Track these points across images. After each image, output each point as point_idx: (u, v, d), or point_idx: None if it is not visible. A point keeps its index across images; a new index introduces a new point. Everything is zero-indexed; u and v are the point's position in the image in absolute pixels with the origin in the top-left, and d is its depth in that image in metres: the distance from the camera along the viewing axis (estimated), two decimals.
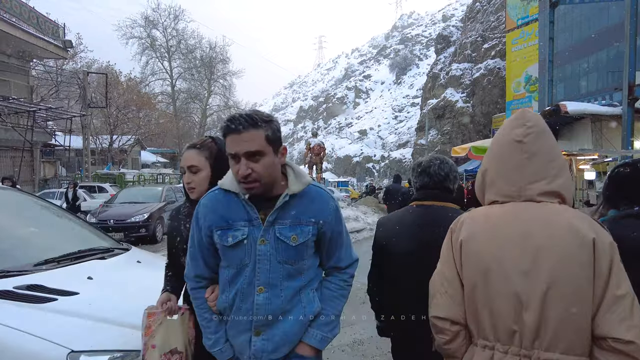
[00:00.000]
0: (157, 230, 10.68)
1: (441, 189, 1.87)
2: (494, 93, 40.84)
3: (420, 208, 1.87)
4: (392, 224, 1.93)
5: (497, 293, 1.19)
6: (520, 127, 1.27)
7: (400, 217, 1.92)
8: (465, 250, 1.25)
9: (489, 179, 1.32)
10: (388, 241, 1.89)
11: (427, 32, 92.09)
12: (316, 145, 19.14)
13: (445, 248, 1.35)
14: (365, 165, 64.05)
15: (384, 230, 1.94)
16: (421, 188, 1.90)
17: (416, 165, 1.96)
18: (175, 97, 44.12)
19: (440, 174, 1.86)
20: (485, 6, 47.64)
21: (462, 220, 1.33)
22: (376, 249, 2.00)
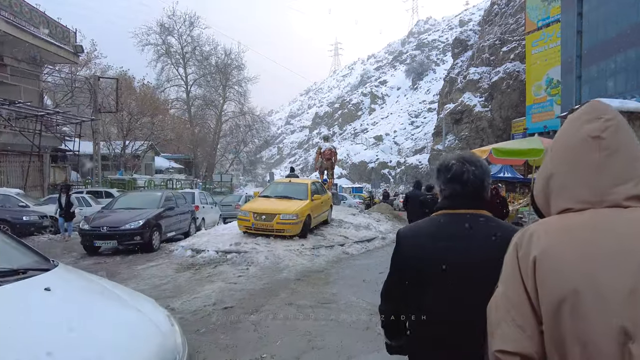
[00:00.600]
0: (154, 238, 10.04)
1: (475, 199, 1.61)
2: (513, 97, 39.54)
3: (451, 217, 1.61)
4: (420, 236, 1.64)
5: (591, 322, 0.97)
6: (595, 121, 1.10)
7: (429, 227, 1.64)
8: (541, 269, 1.04)
9: (557, 184, 1.13)
10: (416, 256, 1.60)
11: (444, 37, 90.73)
12: (327, 149, 18.36)
13: (508, 266, 1.13)
14: (381, 171, 62.95)
15: (411, 243, 1.65)
16: (450, 197, 1.63)
17: (444, 169, 1.64)
18: (190, 103, 44.08)
19: (475, 183, 1.59)
20: (503, 9, 46.37)
21: (530, 232, 1.10)
22: (400, 265, 1.68)
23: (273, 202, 10.69)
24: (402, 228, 1.78)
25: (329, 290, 6.53)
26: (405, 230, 1.72)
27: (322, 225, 12.24)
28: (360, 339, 4.54)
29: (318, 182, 13.11)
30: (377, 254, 10.17)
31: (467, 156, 1.63)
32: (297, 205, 10.26)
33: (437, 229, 1.60)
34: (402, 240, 1.67)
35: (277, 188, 11.77)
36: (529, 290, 1.07)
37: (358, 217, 15.39)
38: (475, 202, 1.60)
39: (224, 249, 8.99)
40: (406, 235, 1.69)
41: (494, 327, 1.13)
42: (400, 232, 1.71)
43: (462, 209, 1.59)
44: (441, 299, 1.52)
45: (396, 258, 1.68)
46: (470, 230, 1.52)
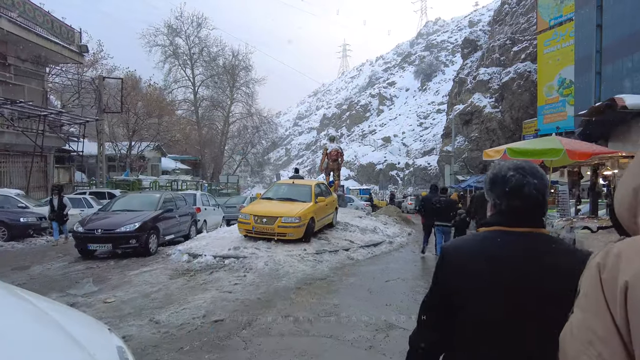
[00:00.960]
0: (151, 242, 9.60)
1: (536, 216, 1.40)
2: (524, 98, 38.73)
3: (509, 236, 1.36)
4: (476, 257, 1.36)
5: None
6: None
7: (486, 247, 1.38)
8: (635, 297, 0.85)
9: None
10: (469, 282, 1.34)
11: (453, 38, 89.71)
12: (333, 150, 17.85)
13: (589, 289, 0.94)
14: (389, 172, 62.21)
15: (459, 264, 1.38)
16: (507, 213, 1.39)
17: (500, 180, 1.42)
18: (198, 104, 43.88)
19: (537, 198, 1.37)
20: (514, 8, 45.50)
21: (616, 252, 0.92)
22: (447, 291, 1.40)
23: (275, 205, 10.21)
24: (450, 245, 1.52)
25: (330, 301, 6.02)
26: (456, 248, 1.46)
27: (326, 229, 11.73)
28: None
29: (323, 183, 12.61)
30: (384, 260, 9.64)
31: (527, 167, 1.41)
32: (300, 208, 9.76)
33: (496, 250, 1.35)
34: (452, 261, 1.40)
35: (279, 190, 11.30)
36: (618, 321, 0.89)
37: (364, 220, 14.86)
38: (535, 219, 1.39)
39: (221, 254, 8.52)
40: (457, 254, 1.42)
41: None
42: (449, 249, 1.46)
43: (520, 227, 1.36)
44: (499, 337, 1.30)
45: (442, 280, 1.42)
46: (534, 254, 1.31)
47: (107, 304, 5.60)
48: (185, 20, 40.90)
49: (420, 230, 18.41)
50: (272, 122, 51.27)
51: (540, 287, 1.25)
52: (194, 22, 41.20)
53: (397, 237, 12.92)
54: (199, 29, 41.61)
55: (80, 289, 6.10)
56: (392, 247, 11.38)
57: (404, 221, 18.99)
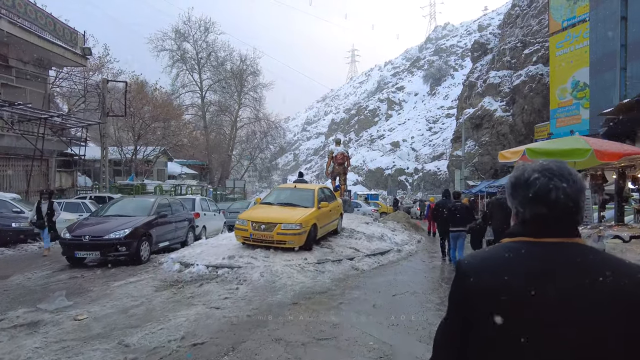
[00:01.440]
0: (142, 249, 8.97)
1: (568, 224, 1.17)
2: (536, 101, 37.78)
3: (538, 248, 1.14)
4: (501, 273, 1.13)
5: None
6: None
7: (511, 261, 1.15)
8: None
9: None
10: (493, 302, 1.11)
11: (462, 42, 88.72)
12: (339, 154, 17.16)
13: None
14: (398, 178, 61.24)
15: (482, 283, 1.14)
16: (532, 222, 1.18)
17: (522, 184, 1.20)
18: (205, 109, 43.58)
19: (566, 204, 1.15)
20: (525, 10, 44.58)
21: None
22: (467, 313, 1.17)
23: (275, 210, 9.54)
24: (469, 259, 1.27)
25: (329, 319, 5.30)
26: (476, 263, 1.22)
27: (330, 236, 11.02)
28: None
29: (327, 188, 11.90)
30: (392, 270, 8.88)
31: (555, 168, 1.18)
32: (301, 214, 9.07)
33: (524, 265, 1.13)
34: (473, 279, 1.17)
35: (280, 194, 10.62)
36: None
37: (371, 227, 14.11)
38: (567, 228, 1.17)
39: (215, 264, 7.85)
40: (479, 270, 1.19)
41: None
42: (468, 265, 1.22)
43: (549, 238, 1.15)
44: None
45: (461, 300, 1.20)
46: (569, 268, 1.11)
47: (77, 321, 4.95)
48: (193, 25, 40.74)
49: (432, 238, 17.82)
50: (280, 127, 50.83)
51: (575, 312, 1.06)
52: (201, 26, 41.03)
53: (406, 244, 12.15)
54: (207, 34, 41.43)
55: (51, 304, 5.47)
56: (401, 256, 10.62)
57: (413, 227, 18.18)
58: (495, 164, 40.07)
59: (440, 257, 11.18)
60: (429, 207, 19.15)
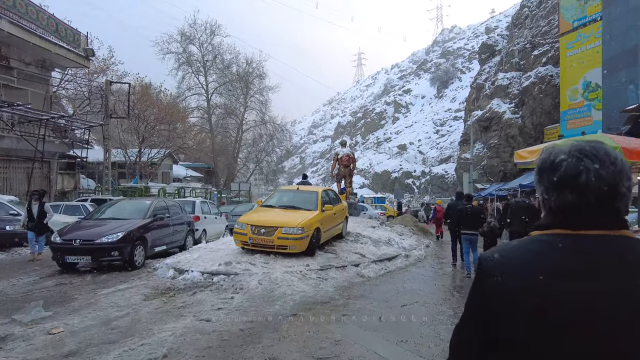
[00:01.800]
0: (136, 254, 8.49)
1: (606, 213, 1.03)
2: (545, 103, 37.00)
3: (574, 241, 1.01)
4: (528, 271, 1.00)
5: None
6: None
7: (541, 256, 1.01)
8: None
9: None
10: (523, 305, 0.99)
11: (470, 45, 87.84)
12: (345, 155, 16.64)
13: None
14: (405, 181, 60.50)
15: (509, 283, 1.01)
16: (560, 211, 1.05)
17: (548, 167, 1.08)
18: (211, 112, 43.32)
19: (600, 189, 1.01)
20: (534, 11, 43.84)
21: None
22: (489, 322, 1.04)
23: (276, 213, 9.02)
24: (491, 255, 1.09)
25: (331, 334, 4.76)
26: (501, 259, 1.06)
27: (335, 240, 10.48)
28: None
29: (331, 190, 11.37)
30: (400, 278, 8.31)
31: (587, 147, 1.04)
32: (304, 217, 8.54)
33: (560, 262, 0.99)
34: (497, 278, 1.03)
35: (282, 197, 10.10)
36: None
37: (378, 231, 13.54)
38: (608, 218, 1.03)
39: (210, 270, 7.34)
40: (506, 268, 1.04)
41: None
42: (491, 261, 1.07)
43: (588, 230, 1.02)
44: None
45: (480, 305, 1.07)
46: (615, 266, 0.97)
47: (50, 335, 4.46)
48: (199, 28, 40.54)
49: (440, 242, 17.29)
50: (286, 129, 50.47)
51: (618, 310, 0.93)
52: (207, 29, 40.82)
53: (414, 249, 11.56)
54: (212, 37, 41.21)
55: (27, 314, 4.99)
56: (409, 262, 10.04)
57: (421, 232, 17.57)
58: (505, 166, 39.27)
59: (450, 263, 10.61)
60: (435, 211, 18.75)
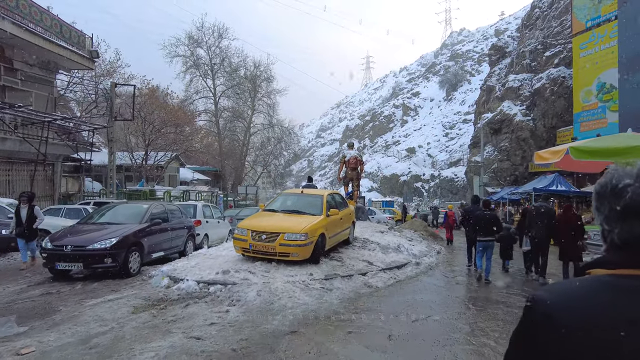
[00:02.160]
0: (131, 260, 8.02)
1: None
2: (558, 104, 36.08)
3: None
4: (592, 320, 0.87)
5: None
6: None
7: (605, 303, 0.88)
8: None
9: None
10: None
11: (479, 47, 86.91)
12: (352, 158, 16.05)
13: None
14: (414, 184, 59.69)
15: (572, 329, 0.87)
16: (629, 245, 0.91)
17: (609, 193, 0.95)
18: (219, 115, 43.08)
19: None
20: (545, 11, 42.95)
21: None
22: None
23: (278, 218, 8.50)
24: (550, 295, 0.93)
25: (334, 356, 4.20)
26: (562, 302, 0.91)
27: (341, 246, 9.93)
28: None
29: (337, 193, 10.82)
30: (411, 288, 7.73)
31: None
32: (307, 222, 8.01)
33: (632, 311, 0.85)
34: (557, 324, 0.88)
35: (286, 200, 9.58)
36: None
37: (387, 236, 12.95)
38: None
39: (207, 279, 6.83)
40: (566, 313, 0.88)
41: None
42: (549, 303, 0.91)
43: None
44: None
45: (538, 351, 0.90)
46: None
47: (18, 357, 3.97)
48: (207, 31, 40.35)
49: (451, 248, 16.65)
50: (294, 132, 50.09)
51: None
52: (215, 32, 40.61)
53: (425, 256, 10.96)
54: (220, 40, 40.99)
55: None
56: (420, 270, 9.44)
57: (432, 237, 16.94)
58: (516, 170, 38.37)
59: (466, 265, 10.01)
60: (447, 215, 18.42)
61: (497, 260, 9.72)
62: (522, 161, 38.52)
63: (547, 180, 18.08)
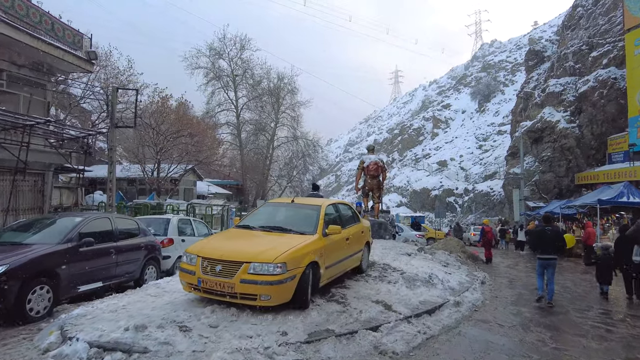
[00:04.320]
0: (33, 298, 5.37)
1: None
2: (608, 109, 31.81)
3: None
4: None
5: None
6: None
7: None
8: None
9: None
10: None
11: (512, 57, 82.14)
12: (372, 163, 13.10)
13: None
14: (446, 199, 55.53)
15: None
16: None
17: None
18: (241, 127, 41.24)
19: None
20: (590, 9, 38.88)
21: None
22: None
23: (248, 239, 5.66)
24: None
25: None
26: None
27: (350, 277, 6.97)
28: None
29: (345, 204, 7.87)
30: (451, 352, 4.64)
31: None
32: (289, 246, 5.13)
33: None
34: None
35: (268, 213, 6.72)
36: None
37: (415, 260, 9.86)
38: None
39: (107, 339, 4.04)
40: None
41: None
42: None
43: None
44: None
45: None
46: None
47: None
48: (228, 42, 38.83)
49: (491, 268, 13.41)
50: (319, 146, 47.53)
51: None
52: (237, 43, 39.03)
53: (467, 290, 7.78)
54: (242, 51, 39.34)
55: None
56: (462, 314, 6.31)
57: (471, 259, 13.62)
58: (560, 182, 34.00)
59: (530, 312, 6.88)
60: (483, 231, 16.24)
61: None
62: (567, 172, 34.17)
63: (614, 191, 14.41)
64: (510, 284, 10.24)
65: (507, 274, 12.18)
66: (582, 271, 13.27)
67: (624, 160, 28.21)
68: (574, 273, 12.80)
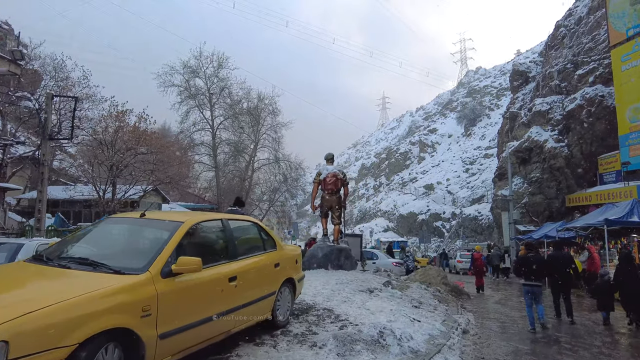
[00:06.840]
0: None
1: None
2: (597, 127, 29.94)
3: None
4: None
5: None
6: None
7: None
8: None
9: None
10: None
11: (497, 82, 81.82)
12: (329, 175, 10.49)
13: None
14: (433, 223, 52.94)
15: None
16: None
17: None
18: (217, 148, 38.68)
19: None
20: (573, 29, 37.75)
21: None
22: None
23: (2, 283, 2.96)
24: None
25: None
26: None
27: (256, 332, 4.22)
28: None
29: (251, 221, 5.18)
30: None
31: None
32: (51, 299, 2.44)
33: None
34: None
35: (100, 235, 4.01)
36: None
37: (374, 300, 7.17)
38: None
39: None
40: None
41: None
42: None
43: None
44: None
45: None
46: None
47: None
48: (205, 60, 36.78)
49: (481, 298, 11.18)
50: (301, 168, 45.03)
51: None
52: (214, 61, 36.99)
53: (438, 353, 5.03)
54: (220, 69, 37.25)
55: None
56: None
57: (453, 293, 10.90)
58: (550, 204, 31.70)
59: None
60: (474, 258, 15.49)
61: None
62: (557, 194, 31.88)
63: (621, 210, 11.91)
64: (503, 331, 7.52)
65: (498, 314, 9.46)
66: (589, 308, 10.52)
67: (616, 180, 26.01)
68: (581, 311, 10.08)
